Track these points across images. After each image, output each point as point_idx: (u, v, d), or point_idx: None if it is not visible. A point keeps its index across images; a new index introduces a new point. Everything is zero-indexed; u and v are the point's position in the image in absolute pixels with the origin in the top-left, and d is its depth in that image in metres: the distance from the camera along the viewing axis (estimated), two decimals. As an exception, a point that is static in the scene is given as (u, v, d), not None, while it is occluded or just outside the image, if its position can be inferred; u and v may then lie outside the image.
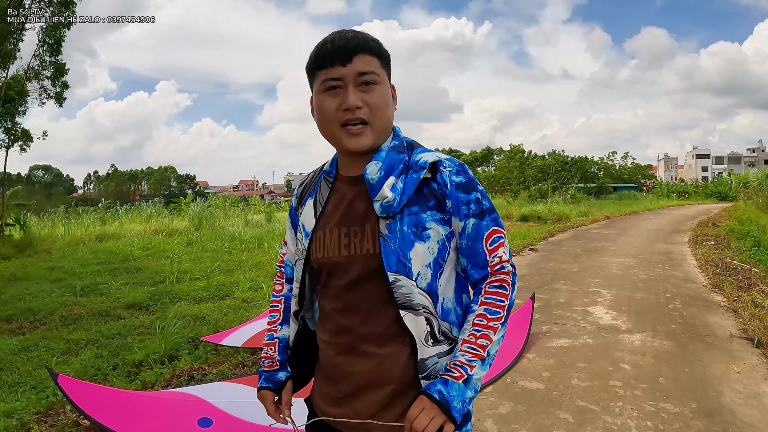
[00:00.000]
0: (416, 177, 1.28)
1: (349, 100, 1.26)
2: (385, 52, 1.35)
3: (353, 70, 1.27)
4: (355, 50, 1.27)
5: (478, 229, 1.30)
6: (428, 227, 1.28)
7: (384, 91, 1.31)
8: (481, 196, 1.32)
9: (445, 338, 1.30)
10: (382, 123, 1.31)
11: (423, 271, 1.26)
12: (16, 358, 4.75)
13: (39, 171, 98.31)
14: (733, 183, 46.84)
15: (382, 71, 1.32)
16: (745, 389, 3.79)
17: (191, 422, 2.58)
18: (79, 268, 9.65)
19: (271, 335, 1.56)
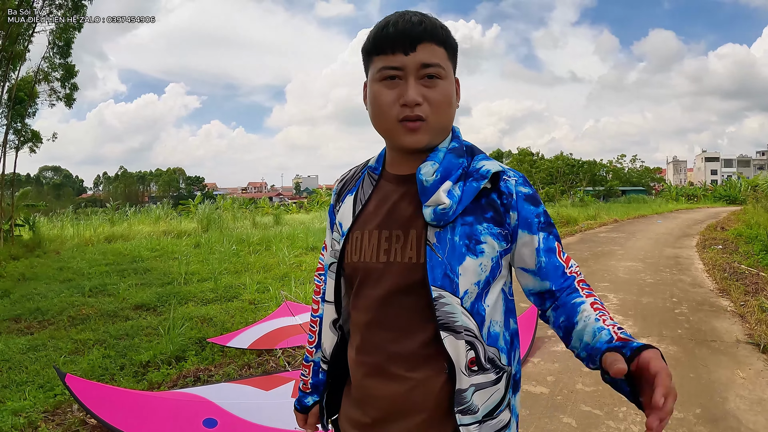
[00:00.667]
0: (476, 186, 1.14)
1: (409, 95, 1.10)
2: (453, 41, 1.18)
3: (416, 60, 1.11)
4: (420, 37, 1.10)
5: (549, 242, 1.18)
6: (483, 241, 1.12)
7: (448, 87, 1.15)
8: (544, 211, 1.21)
9: (492, 366, 1.13)
10: (441, 122, 1.15)
11: (471, 289, 1.10)
12: (25, 357, 4.80)
13: (48, 172, 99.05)
14: (742, 186, 46.53)
15: (448, 64, 1.16)
16: (750, 395, 3.78)
17: (196, 423, 2.61)
18: (87, 268, 9.71)
19: (307, 357, 1.49)
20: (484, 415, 1.11)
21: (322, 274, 1.47)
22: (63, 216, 19.76)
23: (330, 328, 1.33)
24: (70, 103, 14.92)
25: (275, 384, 3.37)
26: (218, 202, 25.02)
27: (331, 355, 1.33)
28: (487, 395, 1.12)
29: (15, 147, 14.01)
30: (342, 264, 1.25)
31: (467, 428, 1.09)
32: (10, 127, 13.54)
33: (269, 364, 4.48)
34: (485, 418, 1.11)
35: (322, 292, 1.44)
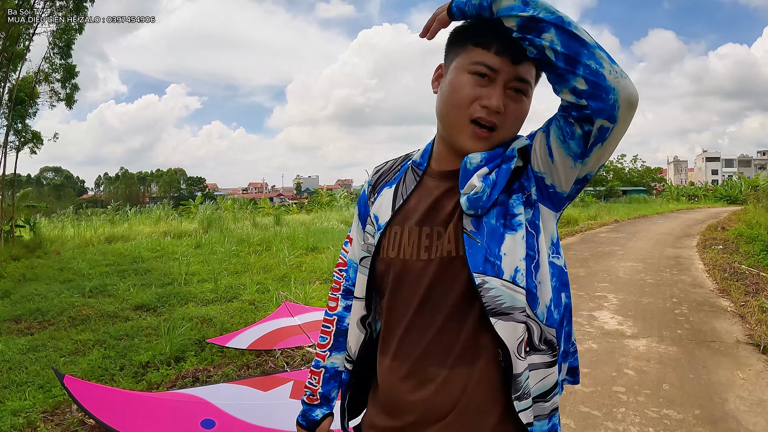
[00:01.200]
0: (507, 167, 1.09)
1: (494, 101, 1.08)
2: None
3: (516, 72, 1.09)
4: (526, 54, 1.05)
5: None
6: (517, 213, 1.07)
7: (527, 106, 1.15)
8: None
9: (548, 347, 1.08)
10: (509, 135, 1.14)
11: (520, 266, 1.04)
12: (25, 358, 4.81)
13: (49, 173, 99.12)
14: (743, 186, 46.45)
15: (533, 85, 1.15)
16: (750, 396, 3.77)
17: (194, 423, 2.61)
18: (88, 269, 9.72)
19: (318, 362, 1.40)
20: (536, 396, 1.07)
21: (343, 270, 1.42)
22: (63, 217, 19.77)
23: (358, 326, 1.28)
24: (71, 104, 14.93)
25: (273, 385, 3.36)
26: (219, 202, 25.02)
27: (357, 354, 1.28)
28: (541, 376, 1.07)
29: (16, 148, 14.03)
30: (376, 259, 1.20)
31: (524, 413, 1.04)
32: (10, 128, 13.55)
33: (268, 365, 4.48)
34: (537, 399, 1.07)
35: (343, 288, 1.39)
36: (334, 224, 19.52)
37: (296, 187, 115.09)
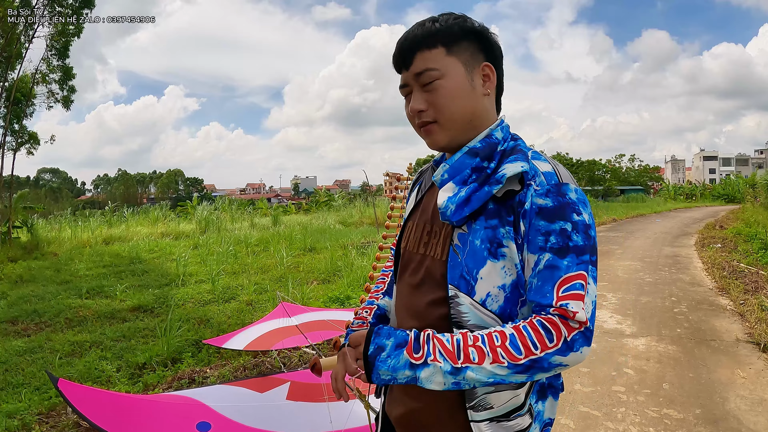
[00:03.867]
0: (487, 191, 1.11)
1: (410, 106, 1.20)
2: (457, 32, 1.17)
3: (411, 72, 1.18)
4: (413, 49, 1.17)
5: (554, 269, 1.04)
6: (505, 245, 1.09)
7: (448, 85, 1.15)
8: (572, 229, 1.05)
9: None
10: (452, 119, 1.17)
11: (494, 292, 1.09)
12: (21, 360, 4.78)
13: (47, 174, 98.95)
14: (741, 185, 46.53)
15: (449, 60, 1.16)
16: (751, 395, 3.75)
17: (190, 426, 2.58)
18: (85, 270, 9.70)
19: (371, 301, 1.56)
20: (501, 415, 1.11)
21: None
22: (61, 218, 19.71)
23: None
24: (68, 105, 14.94)
25: (270, 386, 3.33)
26: (216, 203, 24.99)
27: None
28: (507, 397, 1.11)
29: (13, 149, 14.01)
30: (398, 248, 1.36)
31: (478, 425, 1.11)
32: (7, 129, 13.53)
33: (264, 366, 4.45)
34: (501, 418, 1.11)
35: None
36: (332, 224, 19.50)
37: (294, 188, 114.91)
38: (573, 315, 1.00)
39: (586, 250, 1.05)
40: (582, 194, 1.10)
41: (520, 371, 1.01)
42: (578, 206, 1.07)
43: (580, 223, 1.06)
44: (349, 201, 30.33)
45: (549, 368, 1.02)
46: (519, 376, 1.02)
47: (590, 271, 1.05)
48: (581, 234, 1.05)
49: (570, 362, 1.02)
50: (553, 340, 1.00)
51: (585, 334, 1.01)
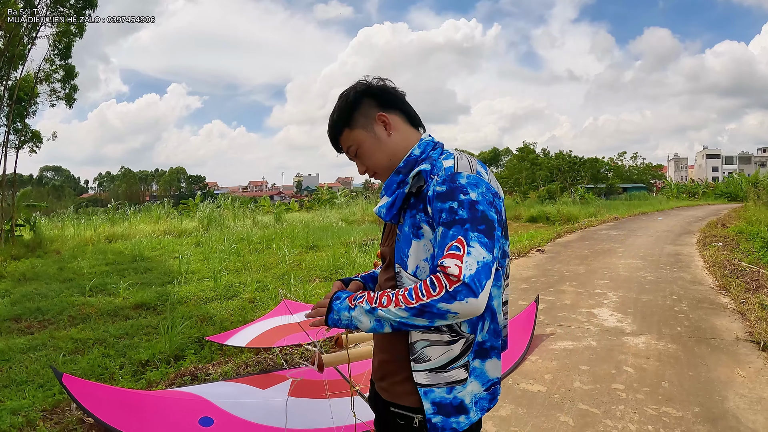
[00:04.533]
0: (402, 192, 1.49)
1: (358, 170, 1.65)
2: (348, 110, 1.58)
3: (345, 152, 1.64)
4: (334, 138, 1.63)
5: (444, 237, 1.32)
6: (421, 227, 1.42)
7: (366, 149, 1.58)
8: (458, 206, 1.34)
9: (449, 329, 1.40)
10: (379, 165, 1.59)
11: (422, 265, 1.42)
12: (25, 357, 4.81)
13: (49, 172, 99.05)
14: (743, 183, 46.39)
15: (358, 133, 1.57)
16: (750, 393, 3.77)
17: (192, 421, 2.60)
18: (88, 268, 9.73)
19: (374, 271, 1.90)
20: (437, 367, 1.40)
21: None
22: (63, 216, 19.74)
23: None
24: (71, 104, 14.97)
25: (272, 382, 3.36)
26: (219, 201, 25.00)
27: None
28: (440, 351, 1.40)
29: (15, 147, 14.05)
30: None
31: (419, 373, 1.41)
32: (10, 127, 13.57)
33: (266, 363, 4.48)
34: (438, 370, 1.40)
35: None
36: (334, 222, 19.52)
37: (296, 185, 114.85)
38: (446, 269, 1.27)
39: (467, 221, 1.32)
40: (475, 178, 1.39)
41: (415, 314, 1.30)
42: (466, 188, 1.36)
43: (465, 201, 1.34)
44: (351, 199, 30.32)
45: (440, 313, 1.27)
46: (419, 319, 1.30)
47: (470, 237, 1.30)
48: (465, 209, 1.33)
49: (458, 309, 1.26)
50: (436, 289, 1.27)
51: (469, 287, 1.25)
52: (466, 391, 1.42)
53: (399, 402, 1.48)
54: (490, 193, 1.41)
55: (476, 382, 1.43)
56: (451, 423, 1.40)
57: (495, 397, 1.50)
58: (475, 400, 1.43)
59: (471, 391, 1.42)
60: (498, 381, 1.50)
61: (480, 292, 1.27)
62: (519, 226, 19.72)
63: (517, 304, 6.43)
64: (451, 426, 1.40)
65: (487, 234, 1.33)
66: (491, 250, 1.32)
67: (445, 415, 1.40)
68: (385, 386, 1.54)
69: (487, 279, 1.29)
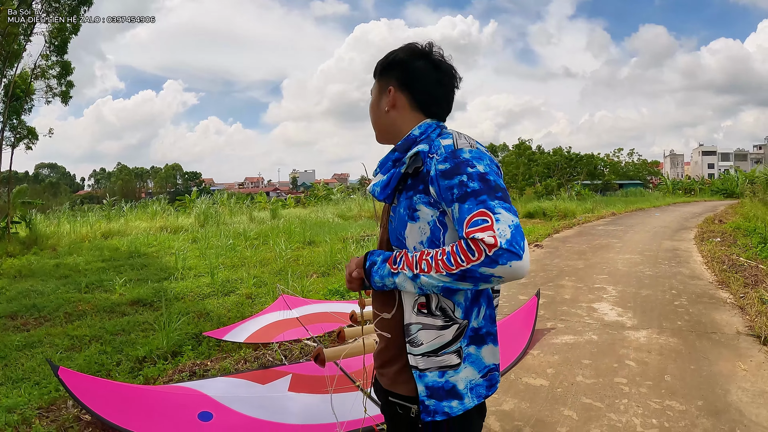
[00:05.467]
0: (397, 171, 1.47)
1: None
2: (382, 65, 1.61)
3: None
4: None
5: (462, 213, 1.31)
6: (417, 209, 1.42)
7: (371, 106, 1.65)
8: (468, 179, 1.33)
9: (442, 314, 1.41)
10: (375, 126, 1.65)
11: (418, 247, 1.42)
12: (21, 354, 4.76)
13: (45, 169, 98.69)
14: (740, 180, 46.52)
15: (375, 87, 1.63)
16: (752, 387, 3.74)
17: (191, 416, 2.57)
18: (84, 265, 9.68)
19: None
20: (429, 351, 1.41)
21: None
22: (59, 213, 19.65)
23: None
24: (66, 100, 14.90)
25: (271, 378, 3.33)
26: (215, 197, 24.94)
27: None
28: (432, 336, 1.41)
29: (11, 144, 13.97)
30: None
31: (413, 356, 1.43)
32: (6, 124, 13.48)
33: (265, 358, 4.44)
34: (430, 354, 1.41)
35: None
36: (331, 218, 19.49)
37: (292, 182, 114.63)
38: (481, 240, 1.25)
39: (483, 192, 1.31)
40: (477, 152, 1.39)
41: (458, 279, 1.29)
42: (471, 161, 1.36)
43: (474, 173, 1.34)
44: (347, 195, 30.29)
45: (483, 277, 1.27)
46: (462, 284, 1.30)
47: (493, 205, 1.29)
48: (476, 181, 1.33)
49: (502, 273, 1.25)
50: (475, 255, 1.25)
51: (510, 250, 1.23)
52: (459, 377, 1.42)
53: (396, 390, 1.50)
54: (494, 164, 1.41)
55: (471, 368, 1.43)
56: (443, 407, 1.41)
57: (493, 384, 1.49)
58: (470, 386, 1.43)
59: (465, 377, 1.42)
60: (496, 367, 1.49)
61: (522, 253, 1.26)
62: (516, 222, 19.63)
63: (517, 299, 6.41)
64: (443, 410, 1.41)
65: (506, 199, 1.33)
66: (515, 213, 1.31)
67: (438, 399, 1.40)
68: (384, 373, 1.55)
69: (523, 239, 1.28)
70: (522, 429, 3.21)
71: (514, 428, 3.22)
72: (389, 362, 1.52)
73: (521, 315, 5.00)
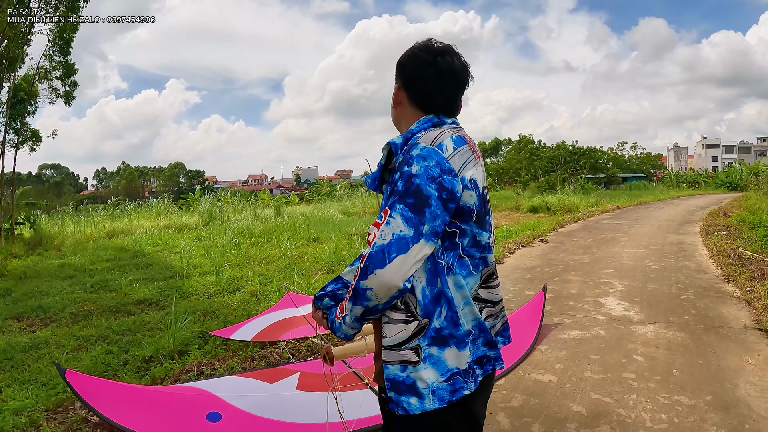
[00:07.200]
0: (380, 164, 1.53)
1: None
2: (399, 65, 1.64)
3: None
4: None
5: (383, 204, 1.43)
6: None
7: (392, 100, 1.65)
8: (399, 177, 1.38)
9: (405, 308, 1.42)
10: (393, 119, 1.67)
11: None
12: (27, 356, 4.76)
13: (48, 170, 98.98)
14: (744, 172, 46.33)
15: (395, 85, 1.64)
16: (760, 381, 3.73)
17: (200, 417, 2.56)
18: (89, 265, 9.68)
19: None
20: (392, 344, 1.42)
21: None
22: (63, 213, 19.68)
23: None
24: (70, 101, 14.89)
25: (279, 376, 3.32)
26: (218, 195, 24.95)
27: None
28: (395, 330, 1.42)
29: (15, 146, 13.98)
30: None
31: (383, 348, 1.44)
32: (9, 127, 13.50)
33: (273, 357, 4.43)
34: (393, 347, 1.42)
35: None
36: (335, 214, 19.48)
37: (296, 179, 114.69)
38: (367, 236, 1.35)
39: (399, 192, 1.35)
40: (426, 151, 1.38)
41: (353, 302, 1.38)
42: (412, 160, 1.37)
43: (406, 173, 1.36)
44: (351, 191, 30.28)
45: (364, 293, 1.34)
46: (356, 308, 1.39)
47: (395, 207, 1.33)
48: (402, 181, 1.36)
49: (372, 284, 1.31)
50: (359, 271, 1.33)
51: (371, 258, 1.30)
52: (419, 375, 1.41)
53: (380, 384, 1.52)
54: (439, 168, 1.37)
55: (432, 370, 1.41)
56: (402, 401, 1.40)
57: (457, 389, 1.43)
58: (432, 388, 1.41)
59: (426, 377, 1.40)
60: (461, 372, 1.45)
61: (387, 264, 1.29)
62: (520, 216, 19.62)
63: (524, 294, 6.39)
64: (402, 404, 1.41)
65: (413, 208, 1.32)
66: (415, 226, 1.31)
67: (397, 393, 1.41)
68: (375, 367, 1.57)
69: (400, 254, 1.29)
70: (531, 425, 3.20)
71: (523, 425, 3.21)
72: (377, 357, 1.53)
73: (528, 310, 4.99)
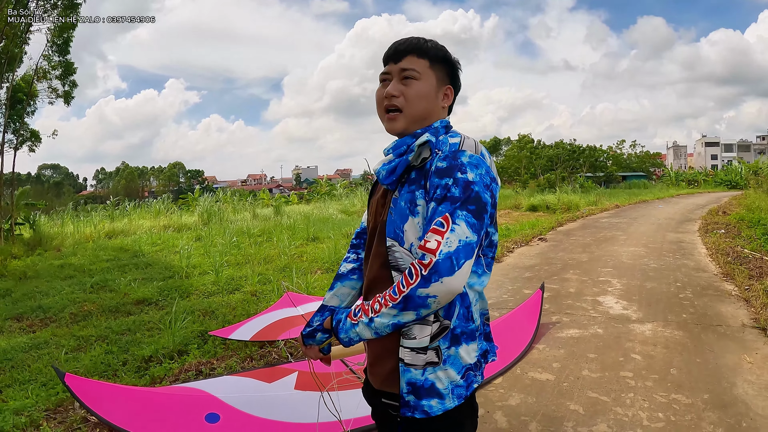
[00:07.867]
0: (405, 159, 1.45)
1: (389, 89, 1.51)
2: (441, 56, 1.55)
3: (399, 66, 1.52)
4: (405, 52, 1.52)
5: (433, 214, 1.33)
6: (419, 204, 1.41)
7: (421, 87, 1.50)
8: (453, 183, 1.34)
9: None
10: (414, 112, 1.50)
11: (415, 243, 1.40)
12: (27, 356, 4.77)
13: (48, 170, 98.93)
14: (743, 171, 46.35)
15: (429, 71, 1.52)
16: (758, 380, 3.74)
17: (198, 418, 2.58)
18: (88, 265, 9.69)
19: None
20: (419, 347, 1.39)
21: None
22: (63, 213, 19.67)
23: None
24: (69, 101, 14.86)
25: (278, 376, 3.33)
26: (218, 195, 24.93)
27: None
28: (426, 331, 1.39)
29: (14, 146, 13.98)
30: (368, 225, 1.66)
31: (404, 349, 1.41)
32: (8, 127, 13.49)
33: (272, 356, 4.44)
34: (419, 350, 1.39)
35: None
36: (334, 214, 19.48)
37: (295, 178, 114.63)
38: (425, 243, 1.30)
39: (459, 200, 1.32)
40: (476, 159, 1.39)
41: (401, 308, 1.32)
42: (465, 167, 1.36)
43: (461, 179, 1.34)
44: (350, 191, 30.26)
45: (421, 300, 1.30)
46: (407, 314, 1.33)
47: (457, 214, 1.31)
48: (459, 188, 1.33)
49: (436, 292, 1.28)
50: (413, 277, 1.29)
51: (438, 266, 1.27)
52: (438, 376, 1.41)
53: (388, 389, 1.48)
54: (488, 176, 1.40)
55: (452, 370, 1.42)
56: (423, 405, 1.40)
57: (470, 383, 1.47)
58: (451, 387, 1.42)
59: (446, 377, 1.41)
60: (472, 366, 1.48)
61: (456, 271, 1.28)
62: (520, 214, 19.62)
63: (522, 293, 6.40)
64: (422, 408, 1.40)
65: (476, 215, 1.33)
66: (477, 231, 1.33)
67: (417, 397, 1.40)
68: (376, 372, 1.53)
69: (467, 259, 1.30)
70: (528, 424, 3.21)
71: (520, 423, 3.22)
72: (380, 360, 1.50)
73: (526, 309, 5.00)
